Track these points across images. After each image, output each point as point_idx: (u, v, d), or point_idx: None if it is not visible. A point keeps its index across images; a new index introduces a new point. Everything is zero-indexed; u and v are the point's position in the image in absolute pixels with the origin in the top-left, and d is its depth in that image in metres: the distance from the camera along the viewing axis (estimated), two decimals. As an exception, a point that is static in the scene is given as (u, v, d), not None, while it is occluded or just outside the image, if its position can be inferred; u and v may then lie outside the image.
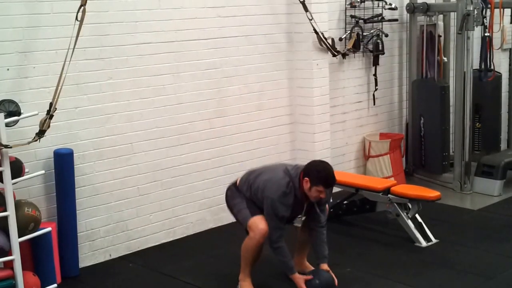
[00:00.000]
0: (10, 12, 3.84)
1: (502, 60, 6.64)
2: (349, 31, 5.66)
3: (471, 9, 5.44)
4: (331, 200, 5.12)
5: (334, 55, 5.41)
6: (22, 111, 3.70)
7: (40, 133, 3.73)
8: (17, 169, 3.64)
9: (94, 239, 4.35)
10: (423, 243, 4.51)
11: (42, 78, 3.99)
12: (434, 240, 4.57)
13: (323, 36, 5.21)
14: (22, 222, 3.59)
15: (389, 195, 4.59)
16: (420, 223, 4.62)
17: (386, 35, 5.89)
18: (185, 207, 4.83)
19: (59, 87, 3.75)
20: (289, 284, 3.95)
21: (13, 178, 3.56)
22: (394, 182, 4.88)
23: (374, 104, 6.03)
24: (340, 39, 5.61)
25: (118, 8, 4.30)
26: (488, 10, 5.71)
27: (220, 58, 4.91)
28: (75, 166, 4.12)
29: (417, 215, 4.62)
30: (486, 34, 5.84)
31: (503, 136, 6.63)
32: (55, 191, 4.09)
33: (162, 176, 4.66)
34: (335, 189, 5.12)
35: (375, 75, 5.95)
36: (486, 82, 6.01)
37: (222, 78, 4.94)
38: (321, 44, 5.24)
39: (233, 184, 3.91)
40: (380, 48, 5.86)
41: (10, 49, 3.86)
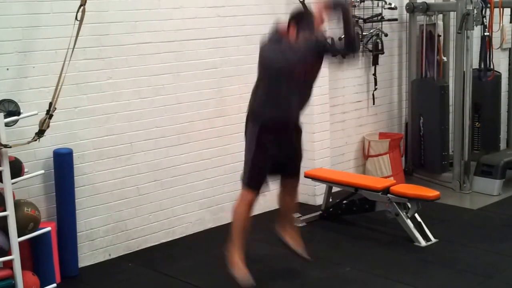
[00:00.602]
0: (10, 12, 3.84)
1: (502, 60, 6.64)
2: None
3: (471, 9, 5.44)
4: (331, 200, 5.15)
5: (334, 55, 5.39)
6: (22, 111, 3.70)
7: (40, 133, 3.73)
8: (17, 169, 3.64)
9: (94, 239, 4.35)
10: (423, 243, 4.51)
11: (42, 78, 3.99)
12: (434, 240, 4.57)
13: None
14: (22, 222, 3.59)
15: (389, 195, 4.59)
16: (420, 223, 4.62)
17: (386, 35, 5.89)
18: (185, 207, 4.83)
19: (59, 87, 3.75)
20: (289, 284, 3.96)
21: (13, 178, 3.56)
22: (394, 182, 4.89)
23: (374, 104, 6.04)
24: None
25: (118, 8, 4.30)
26: (488, 10, 5.71)
27: (220, 58, 4.91)
28: (75, 166, 4.12)
29: (417, 215, 4.62)
30: (486, 34, 5.84)
31: (503, 136, 6.63)
32: (55, 191, 4.09)
33: (162, 176, 4.66)
34: (335, 189, 5.15)
35: (375, 75, 5.95)
36: (486, 82, 6.01)
37: (222, 78, 4.94)
38: (321, 44, 5.23)
39: (246, 117, 3.86)
40: (380, 48, 5.86)
41: (10, 49, 3.86)
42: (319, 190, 5.31)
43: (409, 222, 4.56)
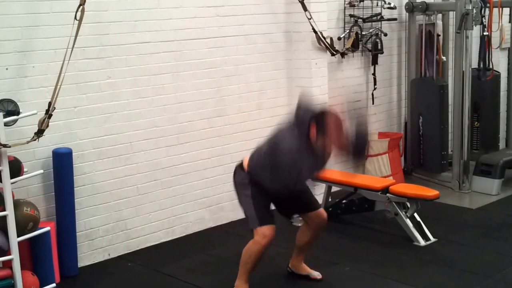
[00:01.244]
0: (9, 12, 3.84)
1: (501, 59, 6.65)
2: (348, 30, 5.66)
3: (470, 8, 5.45)
4: (330, 200, 5.15)
5: (333, 54, 5.41)
6: (21, 111, 3.70)
7: (39, 133, 3.72)
8: (16, 169, 3.64)
9: (93, 239, 4.35)
10: (422, 242, 4.52)
11: (41, 78, 3.99)
12: (433, 239, 4.57)
13: (322, 35, 5.21)
14: (21, 222, 3.58)
15: (388, 194, 4.60)
16: (419, 222, 4.62)
17: (385, 34, 5.89)
18: (185, 206, 4.83)
19: (58, 87, 3.74)
20: (289, 284, 3.96)
21: (12, 178, 3.56)
22: (393, 181, 4.89)
23: (373, 103, 6.04)
24: (339, 38, 5.61)
25: (118, 8, 4.29)
26: (487, 9, 5.71)
27: (220, 58, 4.90)
28: (74, 166, 4.12)
29: (416, 214, 4.62)
30: (485, 33, 5.83)
31: (502, 135, 6.64)
32: (54, 191, 4.09)
33: (162, 176, 4.66)
34: (334, 189, 5.16)
35: (374, 74, 5.95)
36: (485, 81, 6.01)
37: (222, 78, 4.94)
38: (320, 43, 5.24)
39: (240, 167, 3.67)
40: (379, 47, 5.86)
41: (9, 49, 3.86)
42: (319, 190, 5.30)
43: (409, 222, 4.56)
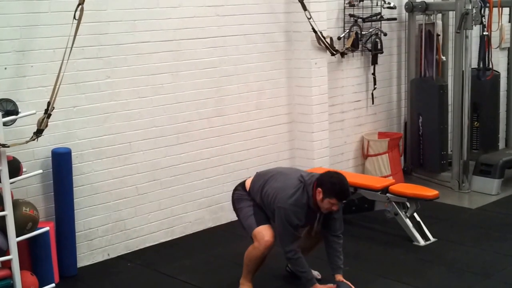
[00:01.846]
0: (8, 11, 3.83)
1: (501, 59, 6.64)
2: (348, 30, 5.65)
3: (470, 8, 5.44)
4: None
5: (333, 54, 5.41)
6: (20, 110, 3.69)
7: (38, 132, 3.72)
8: (15, 169, 3.63)
9: (92, 239, 4.34)
10: (421, 242, 4.51)
11: (40, 77, 3.98)
12: (432, 239, 4.57)
13: (322, 35, 5.21)
14: (20, 222, 3.58)
15: (388, 194, 4.59)
16: (419, 222, 4.62)
17: (385, 34, 5.88)
18: (184, 206, 4.82)
19: (57, 86, 3.74)
20: (289, 284, 3.95)
21: (11, 178, 3.55)
22: (393, 181, 4.88)
23: (373, 103, 6.03)
24: (339, 38, 5.61)
25: (117, 7, 4.29)
26: (487, 9, 5.71)
27: (219, 57, 4.90)
28: (73, 165, 4.12)
29: (416, 214, 4.62)
30: (485, 33, 5.84)
31: (501, 135, 6.63)
32: (53, 191, 4.08)
33: (161, 175, 4.65)
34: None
35: (374, 74, 5.95)
36: (485, 81, 6.01)
37: (221, 77, 4.93)
38: (320, 43, 5.23)
39: (241, 185, 3.80)
40: (379, 47, 5.85)
41: (8, 48, 3.85)
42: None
43: (408, 222, 4.56)
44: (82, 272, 4.20)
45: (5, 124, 3.57)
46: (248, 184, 3.76)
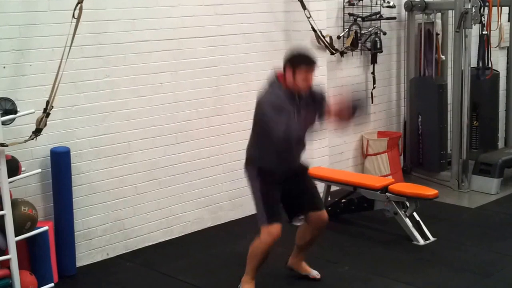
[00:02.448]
0: (7, 10, 3.82)
1: (500, 58, 6.64)
2: (347, 29, 5.65)
3: (469, 7, 5.44)
4: (329, 199, 5.13)
5: (332, 53, 5.40)
6: (19, 109, 3.68)
7: (37, 132, 3.71)
8: (14, 168, 3.62)
9: (91, 238, 4.34)
10: (421, 241, 4.51)
11: (39, 76, 3.97)
12: (432, 239, 4.56)
13: (321, 34, 5.20)
14: (19, 221, 3.57)
15: (387, 194, 4.59)
16: (418, 222, 4.62)
17: (384, 33, 5.88)
18: (183, 206, 4.81)
19: (56, 85, 3.73)
20: (288, 283, 3.94)
21: (10, 177, 3.54)
22: (392, 181, 4.87)
23: (372, 102, 6.02)
24: (338, 37, 5.60)
25: (116, 6, 4.28)
26: (486, 8, 5.71)
27: (218, 56, 4.89)
28: (72, 165, 4.11)
29: (415, 214, 4.61)
30: (484, 32, 5.84)
31: (501, 134, 6.63)
32: (52, 190, 4.08)
33: (160, 175, 4.64)
34: (333, 188, 5.14)
35: (373, 73, 5.94)
36: (484, 80, 6.01)
37: (220, 76, 4.92)
38: (319, 42, 5.23)
39: (245, 163, 3.71)
40: (378, 46, 5.85)
41: (7, 47, 3.84)
42: (318, 189, 5.29)
43: (408, 221, 4.55)
44: (81, 272, 4.19)
45: (4, 123, 3.57)
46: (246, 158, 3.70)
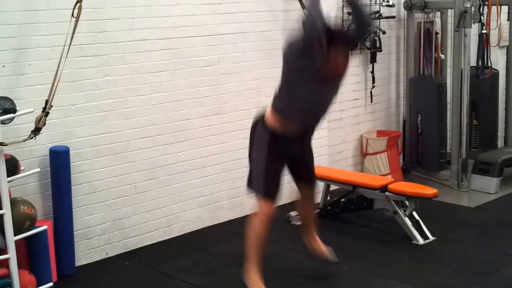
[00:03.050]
0: (6, 9, 3.81)
1: (499, 57, 6.64)
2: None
3: (469, 6, 5.44)
4: (328, 198, 5.13)
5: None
6: (18, 108, 3.67)
7: (36, 131, 3.70)
8: (13, 167, 3.61)
9: (91, 238, 4.33)
10: (420, 241, 4.51)
11: (38, 75, 3.96)
12: (431, 238, 4.56)
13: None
14: (18, 220, 3.56)
15: (387, 193, 4.59)
16: (417, 221, 4.61)
17: (384, 32, 5.88)
18: (182, 205, 4.81)
19: (55, 84, 3.72)
20: (287, 282, 3.94)
21: (9, 176, 3.53)
22: (391, 180, 4.87)
23: (372, 102, 6.03)
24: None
25: (115, 5, 4.27)
26: (486, 7, 5.71)
27: (218, 55, 4.88)
28: (71, 164, 4.10)
29: (414, 213, 4.61)
30: (483, 31, 5.83)
31: (500, 134, 6.63)
32: (51, 189, 4.07)
33: (159, 174, 4.64)
34: (333, 187, 5.14)
35: (373, 72, 5.94)
36: (483, 79, 6.00)
37: (220, 75, 4.92)
38: (319, 41, 5.21)
39: (262, 122, 3.54)
40: (378, 45, 5.85)
41: (6, 46, 3.83)
42: (318, 188, 5.29)
43: (407, 220, 4.55)
44: (80, 271, 4.18)
45: (3, 122, 3.56)
46: (268, 117, 3.54)
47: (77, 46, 4.00)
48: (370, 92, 5.98)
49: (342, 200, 5.00)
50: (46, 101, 3.72)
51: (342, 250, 4.42)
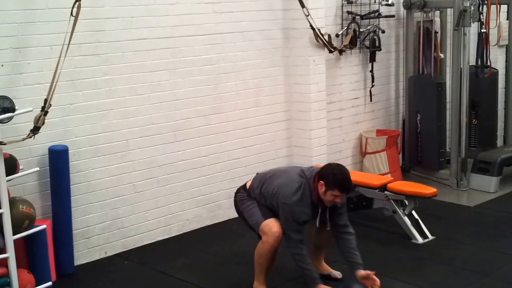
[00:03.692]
0: (5, 8, 3.81)
1: (499, 57, 6.64)
2: (346, 27, 5.64)
3: (468, 5, 5.44)
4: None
5: (331, 52, 5.39)
6: (17, 108, 3.66)
7: (35, 130, 3.70)
8: (12, 166, 3.61)
9: (90, 237, 4.33)
10: (420, 240, 4.51)
11: (37, 74, 3.96)
12: (431, 237, 4.56)
13: (320, 32, 5.19)
14: (17, 220, 3.56)
15: (386, 192, 4.59)
16: (417, 220, 4.61)
17: (383, 31, 5.88)
18: (181, 204, 4.81)
19: (54, 83, 3.72)
20: (287, 282, 3.94)
21: (8, 175, 3.53)
22: (391, 179, 4.87)
23: (371, 101, 6.02)
24: (337, 35, 5.59)
25: (114, 4, 4.26)
26: (485, 6, 5.70)
27: (217, 54, 4.88)
28: (70, 163, 4.10)
29: (414, 212, 4.61)
30: (483, 31, 5.82)
31: (499, 133, 6.62)
32: (50, 188, 4.07)
33: (158, 173, 4.63)
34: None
35: (372, 72, 5.93)
36: (483, 79, 6.00)
37: (219, 75, 4.91)
38: (318, 40, 5.22)
39: (243, 188, 3.77)
40: (377, 45, 5.84)
41: (5, 45, 3.83)
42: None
43: (406, 219, 4.55)
44: (79, 270, 4.18)
45: (2, 122, 3.56)
46: (249, 184, 3.74)
47: (76, 45, 4.00)
48: (370, 91, 5.98)
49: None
50: (45, 100, 3.72)
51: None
